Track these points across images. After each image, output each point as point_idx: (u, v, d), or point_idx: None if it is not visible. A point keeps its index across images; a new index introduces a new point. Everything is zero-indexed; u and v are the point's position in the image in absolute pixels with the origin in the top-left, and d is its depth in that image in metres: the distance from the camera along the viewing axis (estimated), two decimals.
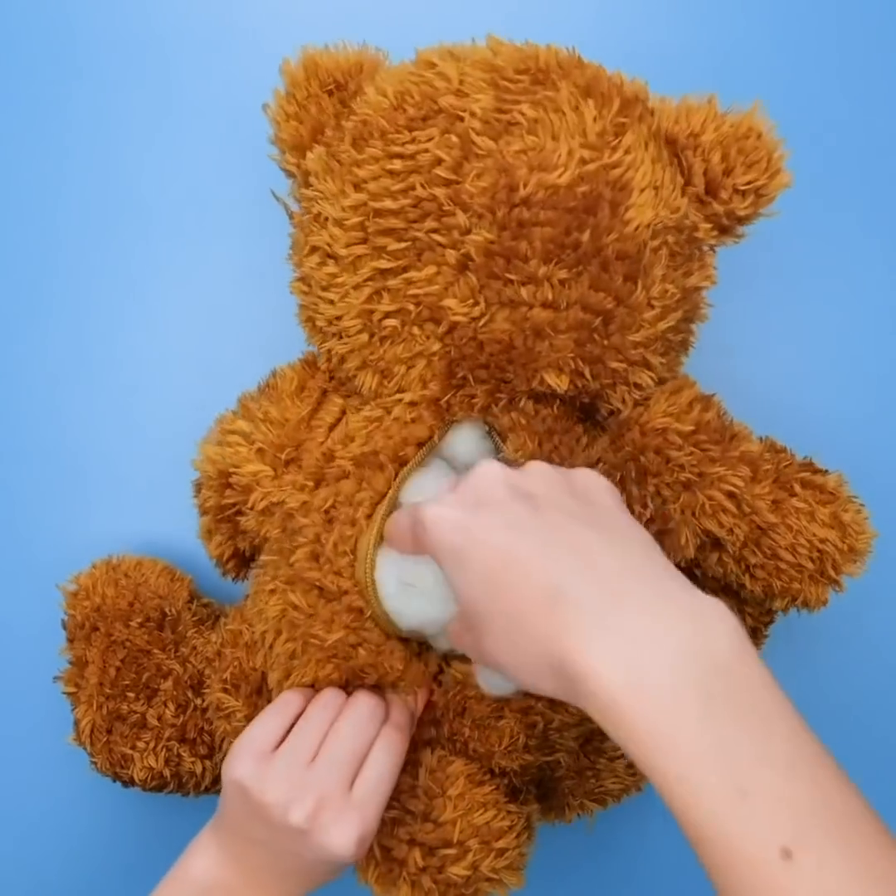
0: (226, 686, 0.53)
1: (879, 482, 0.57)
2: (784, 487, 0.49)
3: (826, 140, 0.64)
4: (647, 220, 0.44)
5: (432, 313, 0.45)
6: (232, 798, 0.46)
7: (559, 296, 0.44)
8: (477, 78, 0.45)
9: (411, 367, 0.47)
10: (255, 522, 0.50)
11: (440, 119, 0.44)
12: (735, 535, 0.49)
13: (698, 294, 0.49)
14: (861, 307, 0.65)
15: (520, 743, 0.51)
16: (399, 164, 0.44)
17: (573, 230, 0.43)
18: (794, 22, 0.64)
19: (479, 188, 0.43)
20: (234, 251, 0.63)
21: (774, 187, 0.48)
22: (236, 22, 0.63)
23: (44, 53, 0.63)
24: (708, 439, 0.49)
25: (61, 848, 0.65)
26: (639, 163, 0.45)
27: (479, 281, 0.44)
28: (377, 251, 0.45)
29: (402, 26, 0.53)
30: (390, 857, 0.47)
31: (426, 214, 0.44)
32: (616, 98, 0.45)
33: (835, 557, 0.49)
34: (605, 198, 0.44)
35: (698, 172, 0.47)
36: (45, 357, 0.63)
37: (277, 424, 0.49)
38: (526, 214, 0.43)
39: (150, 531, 0.63)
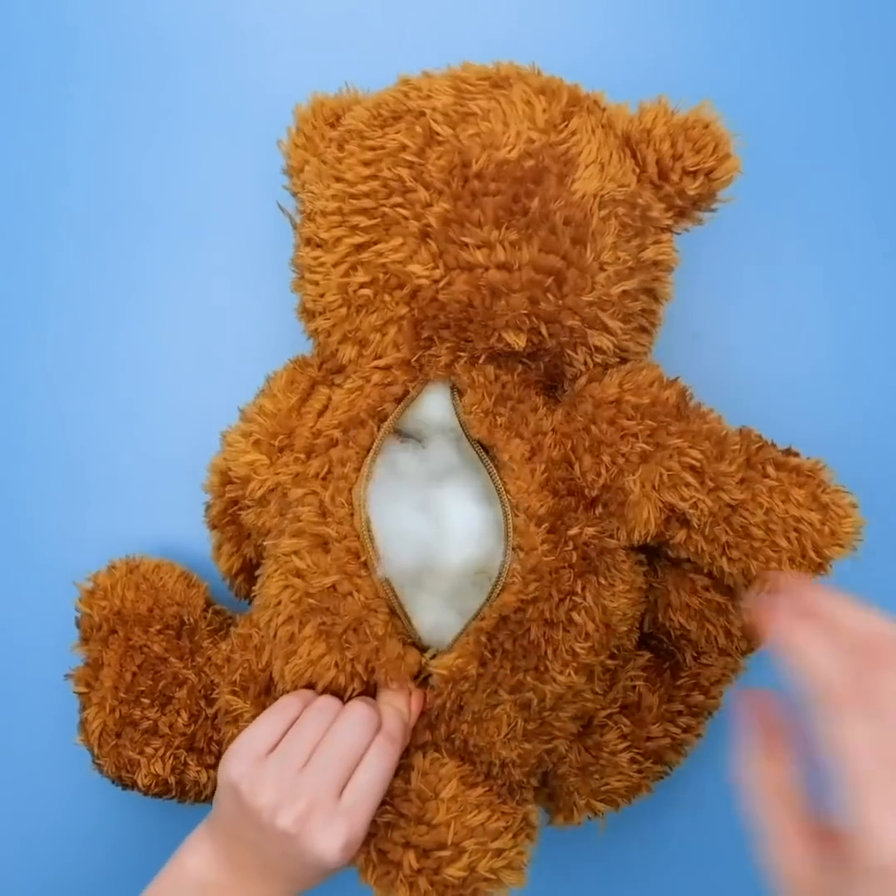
0: (234, 688, 0.54)
1: (872, 477, 0.56)
2: (754, 468, 0.50)
3: (812, 128, 0.67)
4: (592, 190, 0.49)
5: (399, 280, 0.50)
6: (225, 798, 0.47)
7: (511, 257, 0.48)
8: (443, 84, 0.51)
9: (385, 335, 0.51)
10: (254, 515, 0.54)
11: (408, 116, 0.51)
12: (700, 509, 0.49)
13: (656, 268, 0.52)
14: (843, 295, 0.66)
15: (518, 728, 0.51)
16: (371, 155, 0.50)
17: (522, 198, 0.48)
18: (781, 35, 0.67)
19: (438, 167, 0.49)
20: (235, 251, 0.65)
21: (725, 170, 0.52)
22: (236, 22, 0.64)
23: (44, 54, 0.63)
24: (665, 413, 0.51)
25: (61, 847, 0.65)
26: (584, 142, 0.50)
27: (439, 247, 0.49)
28: (352, 230, 0.50)
29: (393, 54, 0.60)
30: (387, 859, 0.48)
31: (392, 192, 0.49)
32: (565, 94, 0.51)
33: (814, 538, 0.48)
34: (552, 170, 0.49)
35: (651, 161, 0.52)
36: (45, 357, 0.64)
37: (270, 415, 0.53)
38: (478, 185, 0.48)
39: (150, 531, 0.64)
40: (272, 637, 0.52)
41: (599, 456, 0.50)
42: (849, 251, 0.67)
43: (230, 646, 0.56)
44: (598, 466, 0.50)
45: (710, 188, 0.52)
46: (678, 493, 0.49)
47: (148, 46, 0.64)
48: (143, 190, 0.64)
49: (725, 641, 0.56)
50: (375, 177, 0.50)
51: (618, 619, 0.52)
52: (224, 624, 0.61)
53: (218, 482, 0.55)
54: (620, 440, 0.50)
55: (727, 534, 0.50)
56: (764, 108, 0.66)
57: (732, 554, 0.50)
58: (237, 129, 0.65)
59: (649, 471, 0.50)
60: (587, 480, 0.50)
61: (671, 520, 0.51)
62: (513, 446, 0.50)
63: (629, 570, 0.53)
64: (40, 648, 0.63)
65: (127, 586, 0.59)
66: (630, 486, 0.50)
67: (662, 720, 0.57)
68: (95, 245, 0.64)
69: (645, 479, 0.50)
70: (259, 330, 0.64)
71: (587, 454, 0.50)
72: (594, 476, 0.50)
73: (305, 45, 0.65)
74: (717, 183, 0.52)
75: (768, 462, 0.50)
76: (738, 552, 0.50)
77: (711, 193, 0.53)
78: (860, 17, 0.67)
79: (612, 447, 0.50)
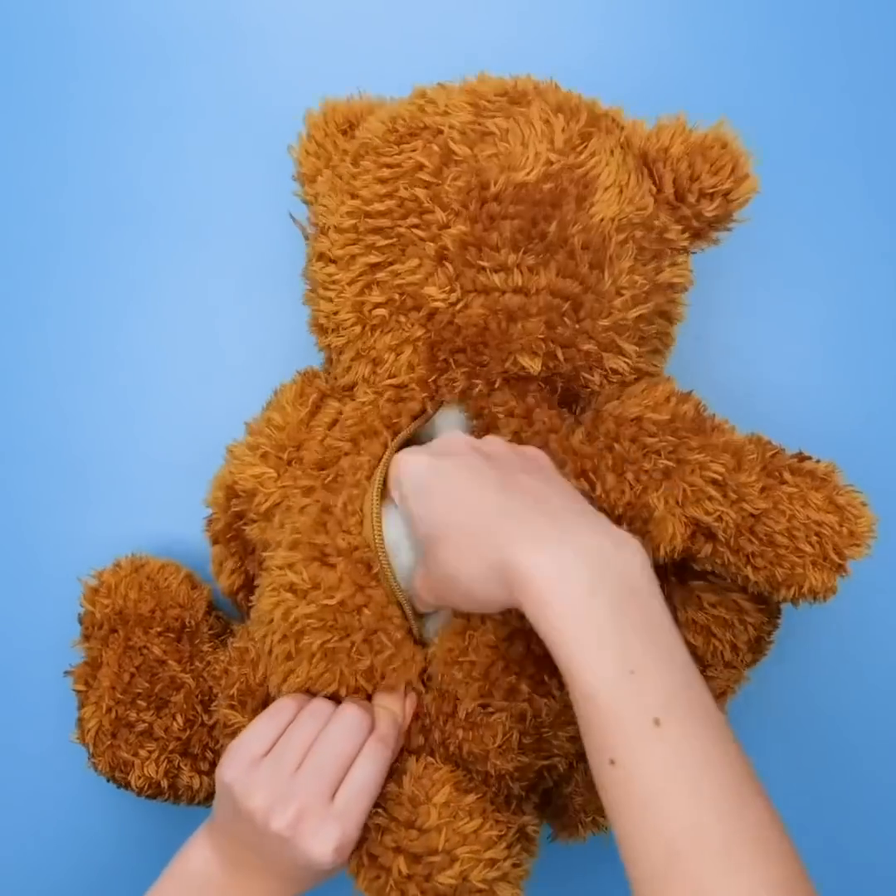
0: (232, 703, 0.54)
1: (879, 477, 0.56)
2: (772, 475, 0.50)
3: (814, 131, 0.67)
4: (610, 214, 0.49)
5: (415, 301, 0.49)
6: (222, 800, 0.48)
7: (528, 282, 0.48)
8: (460, 100, 0.51)
9: (400, 354, 0.51)
10: (258, 530, 0.54)
11: (425, 133, 0.50)
12: (725, 522, 0.49)
13: (672, 290, 0.52)
14: (847, 296, 0.66)
15: (513, 740, 0.51)
16: (387, 172, 0.50)
17: (540, 221, 0.48)
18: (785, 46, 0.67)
19: (456, 188, 0.48)
20: (235, 252, 0.64)
21: (743, 191, 0.51)
22: (237, 21, 0.64)
23: (45, 54, 0.63)
24: (685, 428, 0.51)
25: (61, 846, 0.65)
26: (603, 164, 0.49)
27: (455, 270, 0.48)
28: (368, 249, 0.50)
29: (398, 55, 0.59)
30: (377, 864, 0.48)
31: (409, 213, 0.49)
32: (584, 112, 0.50)
33: (835, 541, 0.49)
34: (571, 193, 0.48)
35: (668, 180, 0.51)
36: (48, 358, 0.64)
37: (279, 428, 0.53)
38: (496, 208, 0.48)
39: (151, 531, 0.64)
40: (267, 653, 0.52)
41: (623, 474, 0.50)
42: (852, 252, 0.66)
43: (227, 658, 0.56)
44: (621, 485, 0.50)
45: (728, 209, 0.52)
46: (702, 508, 0.49)
47: (149, 46, 0.64)
48: (145, 190, 0.64)
49: (731, 656, 0.56)
50: (392, 196, 0.49)
51: None
52: (225, 629, 0.61)
53: (223, 497, 0.55)
54: (643, 457, 0.50)
55: (752, 543, 0.49)
56: (767, 112, 0.66)
57: (757, 563, 0.50)
58: (238, 129, 0.64)
59: (673, 486, 0.49)
60: (611, 500, 0.50)
61: (697, 534, 0.51)
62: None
63: None
64: (40, 645, 0.63)
65: (130, 586, 0.58)
66: (654, 503, 0.50)
67: None
68: (97, 246, 0.64)
69: (669, 495, 0.50)
70: (261, 330, 0.64)
71: (610, 473, 0.50)
72: (618, 494, 0.50)
73: (306, 45, 0.64)
74: (735, 204, 0.52)
75: (784, 469, 0.50)
76: (763, 560, 0.49)
77: (728, 214, 0.52)
78: (861, 20, 0.67)
79: (636, 464, 0.50)
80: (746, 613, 0.55)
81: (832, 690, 0.67)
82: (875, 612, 0.67)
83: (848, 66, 0.67)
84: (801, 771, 0.68)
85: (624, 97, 0.55)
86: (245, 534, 0.55)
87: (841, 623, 0.67)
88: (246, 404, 0.58)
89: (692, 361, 0.58)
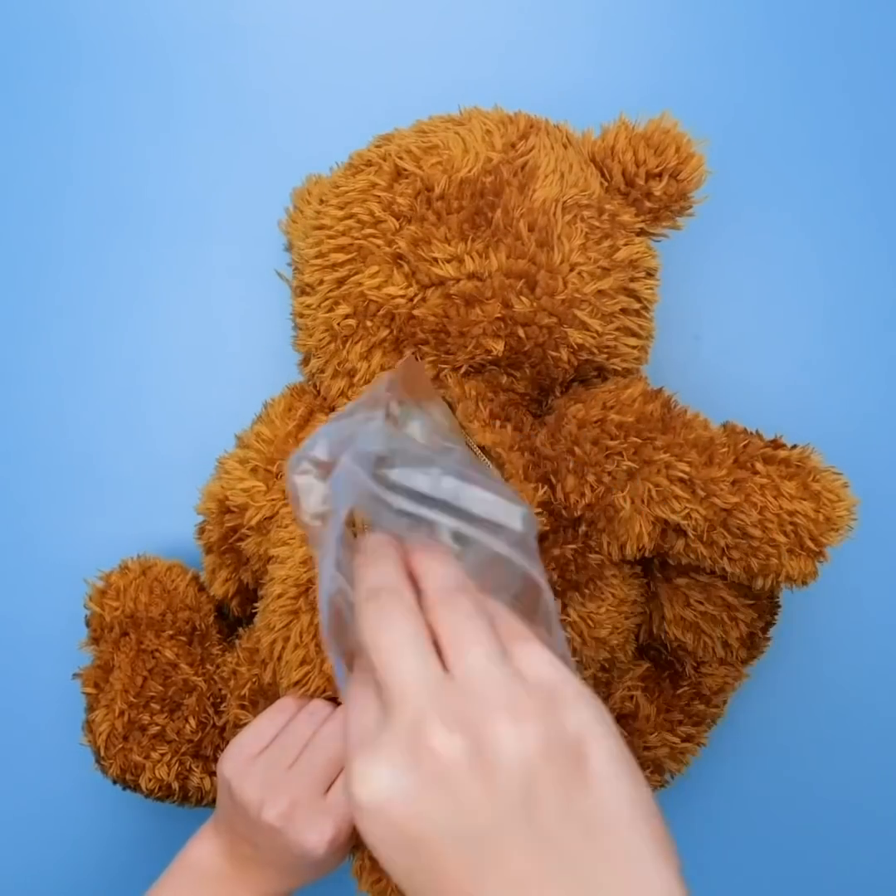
0: (243, 703, 0.55)
1: (873, 475, 0.55)
2: (744, 467, 0.49)
3: (810, 130, 0.67)
4: (553, 195, 0.50)
5: (378, 304, 0.51)
6: (222, 794, 0.50)
7: (481, 266, 0.50)
8: (409, 131, 0.55)
9: (371, 360, 0.52)
10: (254, 545, 0.54)
11: (376, 160, 0.54)
12: (693, 519, 0.48)
13: (633, 268, 0.52)
14: (842, 295, 0.66)
15: None
16: (344, 198, 0.53)
17: (484, 209, 0.50)
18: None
19: (405, 195, 0.51)
20: (236, 252, 0.65)
21: (690, 169, 0.53)
22: (238, 22, 0.65)
23: (47, 55, 0.63)
24: (651, 428, 0.50)
25: (62, 844, 0.65)
26: (543, 156, 0.52)
27: (411, 267, 0.50)
28: (332, 268, 0.53)
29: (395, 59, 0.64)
30: (378, 867, 0.48)
31: (364, 225, 0.52)
32: (522, 120, 0.54)
33: (810, 528, 0.48)
34: (512, 183, 0.50)
35: (617, 172, 0.53)
36: (49, 358, 0.64)
37: (268, 441, 0.55)
38: (441, 205, 0.50)
39: (152, 531, 0.64)
40: (276, 659, 0.52)
41: (584, 477, 0.50)
42: (848, 251, 0.66)
43: (236, 659, 0.57)
44: (582, 487, 0.50)
45: (680, 188, 0.53)
46: (669, 507, 0.49)
47: (152, 46, 0.65)
48: (147, 191, 0.65)
49: (723, 652, 0.55)
50: (350, 216, 0.52)
51: (608, 632, 0.51)
52: (232, 631, 0.61)
53: (216, 509, 0.55)
54: (605, 459, 0.49)
55: (725, 537, 0.48)
56: (761, 110, 0.66)
57: (733, 555, 0.49)
58: (240, 130, 0.65)
59: (637, 487, 0.49)
60: (570, 502, 0.50)
61: (667, 532, 0.50)
62: (514, 458, 0.50)
63: (621, 583, 0.52)
64: (42, 647, 0.63)
65: (140, 588, 0.59)
66: (620, 503, 0.49)
67: (660, 729, 0.56)
68: (98, 246, 0.65)
69: (634, 495, 0.49)
70: (261, 331, 0.64)
71: (571, 475, 0.50)
72: (577, 497, 0.50)
73: (308, 46, 0.67)
74: (686, 183, 0.53)
75: (756, 458, 0.49)
76: (738, 552, 0.49)
77: (682, 194, 0.53)
78: (859, 18, 0.67)
79: (597, 467, 0.49)
80: (735, 610, 0.54)
81: (833, 690, 0.67)
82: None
83: (846, 67, 0.68)
84: (802, 771, 0.67)
85: (624, 101, 0.56)
86: (241, 547, 0.55)
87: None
88: (247, 404, 0.59)
89: (691, 360, 0.57)
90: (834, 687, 0.66)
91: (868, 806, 0.66)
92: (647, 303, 0.54)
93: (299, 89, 0.63)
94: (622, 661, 0.54)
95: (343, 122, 0.64)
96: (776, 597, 0.56)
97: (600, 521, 0.50)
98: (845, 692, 0.66)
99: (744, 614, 0.54)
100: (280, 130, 0.61)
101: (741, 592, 0.54)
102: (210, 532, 0.57)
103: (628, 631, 0.53)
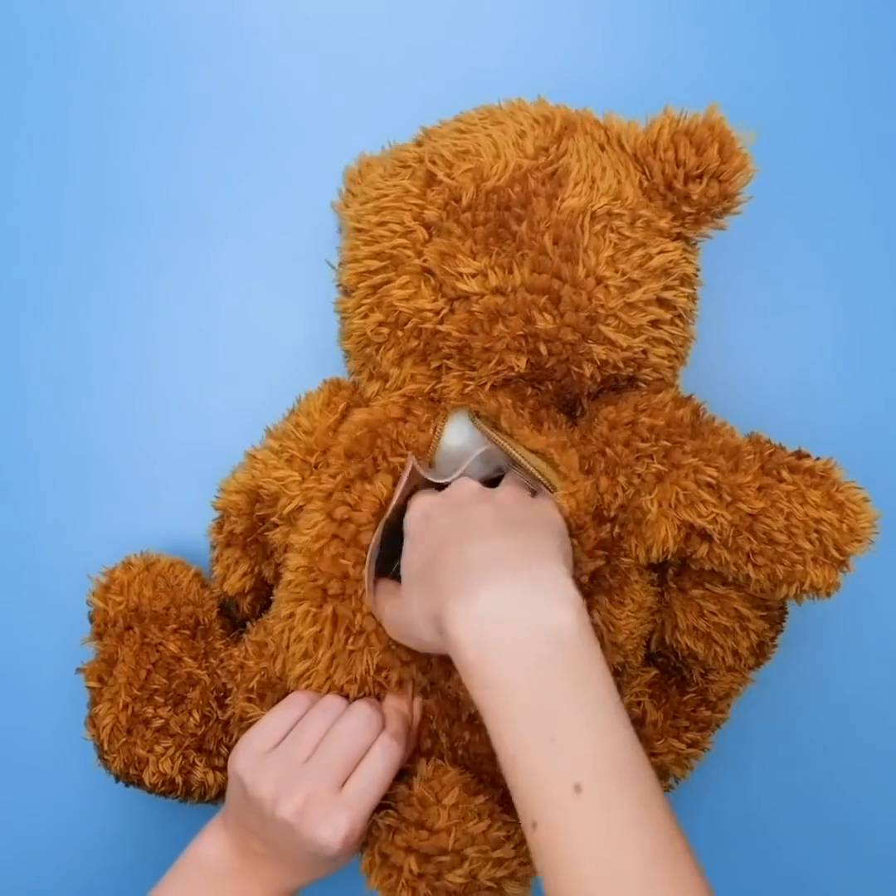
0: (251, 696, 0.56)
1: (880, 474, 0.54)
2: (770, 474, 0.49)
3: (816, 130, 0.67)
4: (580, 206, 0.49)
5: (409, 315, 0.52)
6: (234, 790, 0.50)
7: (504, 281, 0.49)
8: (448, 128, 0.54)
9: (402, 367, 0.54)
10: (281, 535, 0.55)
11: (412, 163, 0.54)
12: (719, 523, 0.48)
13: (667, 277, 0.51)
14: (846, 294, 0.66)
15: None
16: (380, 203, 0.54)
17: (510, 222, 0.49)
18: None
19: (436, 205, 0.51)
20: (236, 252, 0.65)
21: (733, 170, 0.50)
22: (237, 21, 0.64)
23: (46, 55, 0.63)
24: (680, 433, 0.50)
25: (64, 843, 0.65)
26: (574, 161, 0.50)
27: (438, 280, 0.51)
28: (367, 273, 0.54)
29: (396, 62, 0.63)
30: (389, 863, 0.49)
31: (395, 234, 0.52)
32: (559, 118, 0.52)
33: (834, 537, 0.48)
34: (540, 193, 0.49)
35: (657, 170, 0.51)
36: (47, 358, 0.64)
37: (308, 433, 0.56)
38: (468, 217, 0.50)
39: (152, 530, 0.64)
40: (285, 648, 0.53)
41: (615, 478, 0.50)
42: (852, 250, 0.66)
43: (243, 653, 0.57)
44: (614, 487, 0.50)
45: (722, 190, 0.51)
46: (696, 511, 0.49)
47: (150, 46, 0.64)
48: (147, 190, 0.64)
49: (733, 661, 0.55)
50: (383, 223, 0.53)
51: (624, 637, 0.51)
52: (234, 627, 0.62)
53: (244, 501, 0.56)
54: (636, 461, 0.50)
55: (751, 542, 0.48)
56: (768, 110, 0.65)
57: (758, 560, 0.49)
58: (240, 129, 0.65)
59: (665, 490, 0.49)
60: (604, 501, 0.50)
61: (691, 536, 0.50)
62: (569, 456, 0.51)
63: (640, 589, 0.52)
64: (44, 642, 0.64)
65: (144, 583, 0.59)
66: (647, 506, 0.49)
67: (667, 736, 0.56)
68: (98, 246, 0.64)
69: (661, 498, 0.49)
70: (261, 331, 0.65)
71: (603, 476, 0.51)
72: (611, 497, 0.50)
73: (307, 46, 0.66)
74: (729, 185, 0.51)
75: (782, 467, 0.49)
76: (764, 558, 0.48)
77: (725, 195, 0.51)
78: (863, 19, 0.66)
79: (628, 468, 0.50)
80: (747, 620, 0.54)
81: (833, 690, 0.67)
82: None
83: (847, 68, 0.66)
84: (802, 771, 0.68)
85: (623, 100, 0.55)
86: (268, 538, 0.57)
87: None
88: (247, 405, 0.61)
89: (694, 361, 0.57)
90: (838, 691, 0.66)
91: (873, 811, 0.66)
92: (681, 311, 0.52)
93: (299, 88, 0.62)
94: (633, 665, 0.55)
95: (343, 122, 0.65)
96: (785, 606, 0.56)
97: (629, 523, 0.51)
98: (850, 696, 0.66)
99: (755, 625, 0.54)
100: (280, 130, 0.61)
101: (754, 604, 0.54)
102: (234, 524, 0.57)
103: (641, 637, 0.54)
